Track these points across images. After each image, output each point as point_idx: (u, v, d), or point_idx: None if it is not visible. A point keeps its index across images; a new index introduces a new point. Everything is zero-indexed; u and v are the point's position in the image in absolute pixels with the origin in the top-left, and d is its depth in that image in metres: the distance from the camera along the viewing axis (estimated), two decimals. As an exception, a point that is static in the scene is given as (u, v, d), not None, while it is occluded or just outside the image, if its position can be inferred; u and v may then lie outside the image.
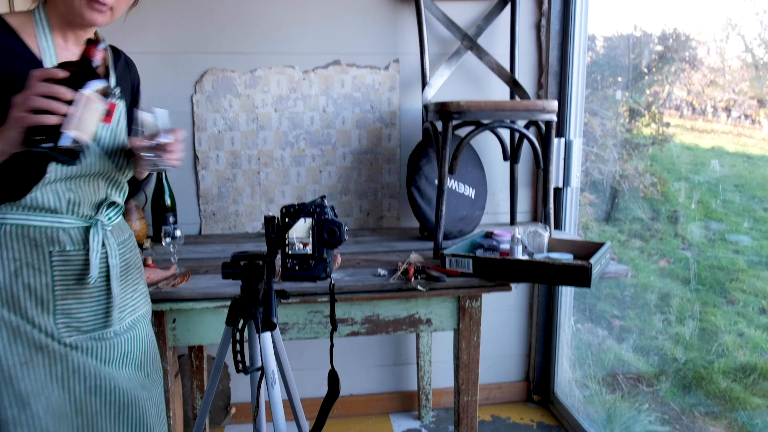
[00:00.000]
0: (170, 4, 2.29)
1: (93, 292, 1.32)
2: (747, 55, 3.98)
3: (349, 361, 2.67)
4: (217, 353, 1.41)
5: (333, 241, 1.29)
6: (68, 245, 1.27)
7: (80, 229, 1.29)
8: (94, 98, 1.10)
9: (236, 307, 1.34)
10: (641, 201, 3.89)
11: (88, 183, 1.30)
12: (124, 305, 1.38)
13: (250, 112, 2.40)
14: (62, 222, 1.27)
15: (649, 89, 3.74)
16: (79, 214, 1.29)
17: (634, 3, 3.43)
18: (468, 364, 1.94)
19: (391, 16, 2.43)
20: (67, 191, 1.26)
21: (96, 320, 1.32)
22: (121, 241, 1.39)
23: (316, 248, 1.29)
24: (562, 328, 2.69)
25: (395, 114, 2.49)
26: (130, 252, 1.43)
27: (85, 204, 1.30)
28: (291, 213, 1.28)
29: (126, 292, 1.40)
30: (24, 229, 1.25)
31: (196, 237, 2.42)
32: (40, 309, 1.26)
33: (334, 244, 1.29)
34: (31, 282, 1.26)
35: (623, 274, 1.94)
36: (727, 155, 4.18)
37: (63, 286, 1.28)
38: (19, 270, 1.25)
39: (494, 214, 2.64)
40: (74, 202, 1.28)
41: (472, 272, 1.84)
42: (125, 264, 1.40)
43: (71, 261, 1.28)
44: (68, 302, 1.29)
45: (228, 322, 1.35)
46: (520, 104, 2.04)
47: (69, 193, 1.27)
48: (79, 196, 1.28)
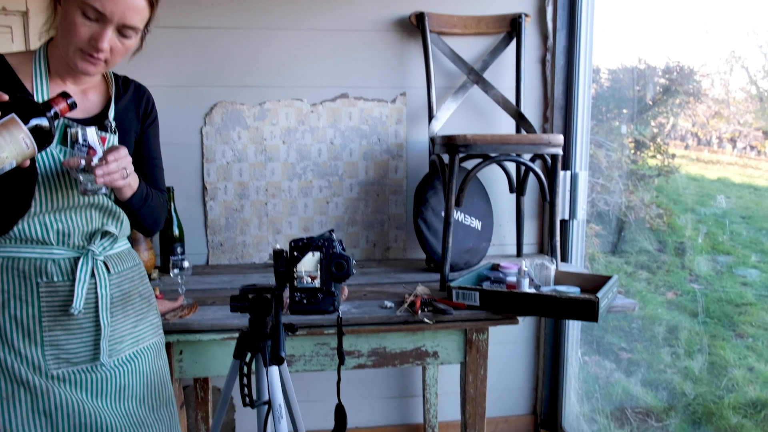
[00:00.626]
0: (181, 38, 2.33)
1: (82, 323, 1.31)
2: (751, 87, 4.01)
3: (354, 393, 2.65)
4: (224, 386, 1.41)
5: (341, 274, 1.30)
6: (56, 276, 1.28)
7: (71, 260, 1.30)
8: (20, 130, 1.06)
9: (244, 340, 1.34)
10: (647, 232, 3.88)
11: (80, 213, 1.31)
12: (121, 337, 1.37)
13: (259, 144, 2.43)
14: (52, 253, 1.28)
15: (653, 121, 3.77)
16: (69, 245, 1.30)
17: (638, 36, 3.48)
18: (475, 398, 1.93)
19: (398, 50, 2.47)
20: (55, 222, 1.28)
21: (85, 352, 1.31)
22: (120, 271, 1.38)
23: (325, 282, 1.30)
24: (570, 361, 2.67)
25: (402, 146, 2.52)
26: (130, 282, 1.41)
27: (76, 234, 1.30)
28: (300, 247, 1.29)
29: (124, 323, 1.38)
30: (14, 261, 1.27)
31: (203, 267, 2.43)
32: (27, 341, 1.26)
33: (342, 278, 1.30)
34: (17, 313, 1.26)
35: (630, 308, 1.93)
36: (733, 186, 4.18)
37: (50, 317, 1.28)
38: (6, 302, 1.26)
39: (500, 245, 2.64)
40: (64, 232, 1.29)
41: (479, 305, 1.84)
42: (123, 294, 1.38)
43: (58, 292, 1.28)
44: (56, 333, 1.28)
45: (236, 355, 1.35)
46: (526, 138, 2.06)
47: (58, 224, 1.28)
48: (69, 227, 1.29)
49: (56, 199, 1.26)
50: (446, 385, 2.67)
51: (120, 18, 1.20)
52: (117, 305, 1.37)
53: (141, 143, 1.45)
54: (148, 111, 1.46)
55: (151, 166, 1.48)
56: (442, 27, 2.42)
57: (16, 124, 1.06)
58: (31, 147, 1.08)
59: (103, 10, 1.17)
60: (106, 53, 1.23)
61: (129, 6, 1.20)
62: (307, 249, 1.29)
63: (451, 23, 2.43)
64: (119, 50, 1.25)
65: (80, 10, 1.18)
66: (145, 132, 1.45)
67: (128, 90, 1.43)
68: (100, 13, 1.18)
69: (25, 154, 1.09)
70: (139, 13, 1.23)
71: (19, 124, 1.06)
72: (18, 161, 1.09)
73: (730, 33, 3.52)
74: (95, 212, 1.33)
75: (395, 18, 2.45)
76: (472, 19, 2.44)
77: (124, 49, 1.27)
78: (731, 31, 3.50)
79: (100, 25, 1.20)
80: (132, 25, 1.23)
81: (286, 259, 1.30)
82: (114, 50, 1.24)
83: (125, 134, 1.38)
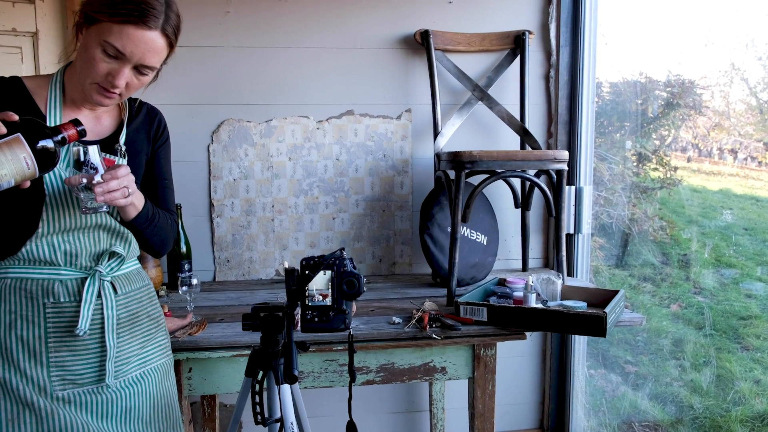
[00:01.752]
0: (188, 56, 2.36)
1: (88, 344, 1.31)
2: (751, 99, 4.04)
3: (361, 409, 2.65)
4: (236, 404, 1.41)
5: (352, 292, 1.31)
6: (63, 297, 1.29)
7: (78, 281, 1.31)
8: (23, 150, 1.07)
9: (256, 359, 1.35)
10: (651, 245, 3.89)
11: (87, 234, 1.32)
12: (128, 358, 1.37)
13: (265, 160, 2.45)
14: (59, 274, 1.29)
15: (655, 134, 3.79)
16: (77, 266, 1.31)
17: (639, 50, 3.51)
18: (483, 414, 1.93)
19: (403, 68, 2.50)
20: (63, 243, 1.29)
21: (91, 373, 1.31)
22: (128, 292, 1.39)
23: (336, 300, 1.31)
24: (576, 375, 2.67)
25: (407, 162, 2.54)
26: (138, 303, 1.41)
27: (83, 255, 1.31)
28: (311, 265, 1.30)
29: (132, 344, 1.38)
30: (22, 282, 1.28)
31: (210, 284, 2.44)
32: (33, 362, 1.27)
33: (353, 296, 1.31)
34: (24, 334, 1.27)
35: (637, 323, 1.94)
36: (735, 198, 4.20)
37: (56, 339, 1.28)
38: (13, 322, 1.27)
39: (506, 260, 2.65)
40: (72, 253, 1.30)
41: (487, 320, 1.85)
42: (130, 315, 1.39)
43: (64, 313, 1.29)
44: (62, 354, 1.29)
45: (247, 373, 1.36)
46: (531, 154, 2.08)
47: (65, 244, 1.29)
48: (76, 248, 1.30)
49: (63, 220, 1.28)
50: (453, 400, 2.67)
51: (139, 59, 1.22)
52: (124, 326, 1.37)
53: (152, 164, 1.46)
54: (159, 133, 1.47)
55: (161, 186, 1.49)
56: (447, 44, 2.45)
57: (20, 144, 1.07)
58: (32, 168, 1.09)
59: (123, 50, 1.19)
60: (122, 89, 1.26)
61: (149, 48, 1.22)
62: (319, 267, 1.30)
63: (455, 41, 2.46)
64: (135, 86, 1.28)
65: (101, 47, 1.20)
66: (156, 153, 1.47)
67: (140, 113, 1.44)
68: (120, 52, 1.20)
69: (25, 174, 1.09)
70: (158, 54, 1.25)
71: (23, 144, 1.07)
72: (17, 180, 1.09)
73: (729, 45, 3.55)
74: (103, 233, 1.34)
75: (400, 36, 2.48)
76: (477, 36, 2.47)
77: (140, 84, 1.29)
78: (730, 43, 3.53)
79: (119, 63, 1.22)
80: (150, 65, 1.25)
81: (298, 278, 1.31)
82: (129, 86, 1.27)
83: (135, 156, 1.40)
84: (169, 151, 1.51)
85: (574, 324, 1.75)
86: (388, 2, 2.46)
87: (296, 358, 1.24)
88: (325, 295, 1.31)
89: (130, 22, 1.18)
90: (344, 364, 1.86)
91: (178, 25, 1.28)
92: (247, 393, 1.39)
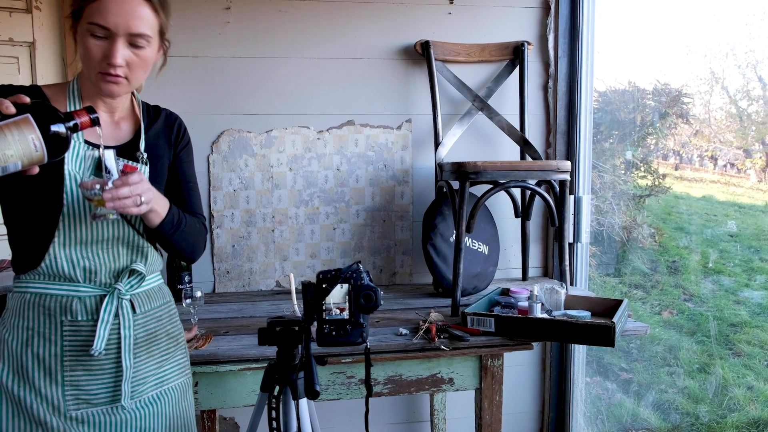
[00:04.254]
0: (188, 67, 2.35)
1: (104, 364, 1.28)
2: (731, 107, 4.11)
3: (358, 419, 2.63)
4: (250, 419, 1.40)
5: (369, 306, 1.30)
6: (80, 315, 1.27)
7: (96, 298, 1.28)
8: (31, 131, 1.03)
9: (272, 373, 1.34)
10: (640, 252, 3.93)
11: (107, 250, 1.30)
12: (144, 378, 1.34)
13: (266, 171, 2.44)
14: (78, 290, 1.27)
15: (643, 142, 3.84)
16: (96, 282, 1.28)
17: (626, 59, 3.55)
18: (491, 424, 1.93)
19: (403, 78, 2.51)
20: (82, 259, 1.27)
21: (106, 393, 1.29)
22: (147, 311, 1.36)
23: (353, 313, 1.30)
24: (577, 384, 2.68)
25: (408, 172, 2.54)
26: (157, 321, 1.38)
27: (102, 272, 1.29)
28: (328, 279, 1.30)
29: (149, 364, 1.35)
30: (41, 298, 1.26)
31: (210, 295, 2.41)
32: (48, 380, 1.25)
33: (370, 309, 1.30)
34: (40, 352, 1.25)
35: (642, 332, 1.95)
36: (718, 204, 4.26)
37: (72, 357, 1.26)
38: (30, 339, 1.25)
39: (505, 269, 2.66)
40: (90, 269, 1.27)
41: (494, 331, 1.85)
42: (148, 334, 1.36)
43: (81, 331, 1.27)
44: (77, 374, 1.27)
45: (263, 388, 1.35)
46: (535, 164, 2.10)
47: (85, 260, 1.27)
48: (95, 264, 1.28)
49: (80, 231, 1.25)
50: (454, 410, 2.66)
51: (125, 28, 1.18)
52: (141, 345, 1.34)
53: (174, 168, 1.43)
54: (180, 136, 1.45)
55: (186, 189, 1.45)
56: (447, 55, 2.46)
57: (28, 125, 1.03)
58: (41, 151, 1.04)
59: (106, 24, 1.17)
60: (124, 68, 1.22)
61: (131, 15, 1.19)
62: (336, 281, 1.29)
63: (455, 51, 2.47)
64: (136, 63, 1.23)
65: (89, 32, 1.18)
66: (177, 156, 1.44)
67: (159, 118, 1.42)
68: (105, 29, 1.17)
69: (32, 157, 1.04)
70: (143, 20, 1.21)
71: (32, 125, 1.03)
72: (24, 163, 1.04)
73: (709, 54, 3.62)
74: (123, 249, 1.32)
75: (400, 46, 2.49)
76: (476, 47, 2.49)
77: (141, 61, 1.24)
78: (711, 52, 3.59)
79: (110, 41, 1.19)
80: (140, 33, 1.21)
81: (315, 291, 1.30)
82: (131, 64, 1.22)
83: (156, 161, 1.37)
84: (191, 154, 1.48)
85: (582, 334, 1.76)
86: (388, 13, 2.47)
87: (317, 373, 1.23)
88: (342, 309, 1.30)
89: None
90: (351, 377, 1.85)
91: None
92: (262, 408, 1.37)
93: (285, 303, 2.26)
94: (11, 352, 1.26)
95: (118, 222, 1.29)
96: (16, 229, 1.30)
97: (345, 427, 2.60)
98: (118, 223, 1.29)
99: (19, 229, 1.29)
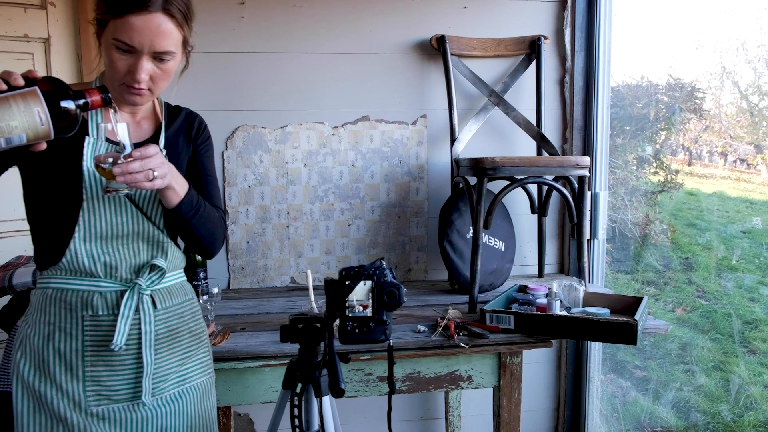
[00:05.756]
0: (203, 63, 2.33)
1: (125, 359, 1.28)
2: (742, 102, 4.07)
3: (374, 417, 2.63)
4: (272, 417, 1.39)
5: (393, 303, 1.28)
6: (101, 310, 1.26)
7: (117, 293, 1.28)
8: (37, 103, 1.01)
9: (294, 371, 1.33)
10: (653, 248, 3.90)
11: (127, 245, 1.29)
12: (165, 375, 1.33)
13: (280, 167, 2.43)
14: (99, 286, 1.27)
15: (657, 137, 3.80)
16: (117, 278, 1.28)
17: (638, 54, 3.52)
18: (509, 422, 1.92)
19: (418, 73, 2.49)
20: (102, 254, 1.26)
21: (127, 389, 1.28)
22: (168, 307, 1.35)
23: (376, 310, 1.29)
24: (593, 381, 2.66)
25: (423, 168, 2.52)
26: (179, 318, 1.37)
27: (123, 267, 1.28)
28: (351, 276, 1.28)
29: (170, 361, 1.34)
30: (63, 293, 1.26)
31: (225, 291, 2.41)
32: (69, 375, 1.25)
33: (393, 306, 1.29)
34: (61, 347, 1.25)
35: (663, 330, 1.93)
36: (729, 200, 4.22)
37: (93, 353, 1.26)
38: (51, 334, 1.25)
39: (521, 266, 2.64)
40: (111, 265, 1.27)
41: (514, 328, 1.83)
42: (170, 331, 1.35)
43: (102, 326, 1.26)
44: (98, 369, 1.26)
45: (285, 385, 1.34)
46: (553, 160, 2.07)
47: (105, 256, 1.26)
48: (116, 259, 1.27)
49: (100, 225, 1.25)
50: (469, 407, 2.65)
51: (150, 47, 1.18)
52: (163, 342, 1.33)
53: (194, 161, 1.42)
54: (200, 132, 1.44)
55: (205, 182, 1.44)
56: (462, 50, 2.44)
57: (35, 97, 1.00)
58: (46, 125, 1.02)
59: (131, 42, 1.16)
60: (147, 82, 1.22)
61: (155, 32, 1.18)
62: (359, 278, 1.28)
63: (470, 46, 2.45)
64: (160, 76, 1.23)
65: (114, 46, 1.18)
66: (197, 150, 1.43)
67: (179, 117, 1.42)
68: (129, 45, 1.17)
69: (38, 131, 1.01)
70: (168, 37, 1.20)
71: (39, 98, 1.01)
72: (29, 136, 1.01)
73: (720, 49, 3.58)
74: (143, 245, 1.31)
75: (415, 41, 2.47)
76: (492, 41, 2.46)
77: (165, 74, 1.24)
78: (721, 47, 3.56)
79: (135, 57, 1.18)
80: (164, 50, 1.20)
81: (337, 288, 1.29)
82: (154, 77, 1.23)
83: (176, 157, 1.37)
84: (211, 149, 1.47)
85: (603, 331, 1.74)
86: (403, 8, 2.45)
87: (341, 370, 1.22)
88: (365, 306, 1.29)
89: (130, 12, 1.15)
90: (370, 374, 1.84)
91: (184, 2, 1.23)
92: (284, 406, 1.36)
93: (300, 300, 2.25)
94: (33, 347, 1.26)
95: (137, 216, 1.28)
96: (38, 224, 1.30)
97: (360, 424, 2.59)
98: (137, 217, 1.28)
99: (41, 225, 1.29)
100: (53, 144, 1.07)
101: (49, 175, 1.24)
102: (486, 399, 2.60)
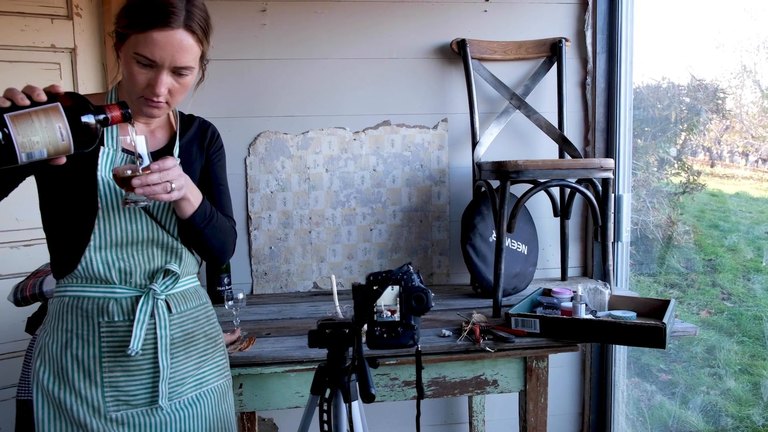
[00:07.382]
0: (224, 70, 2.36)
1: (142, 364, 1.29)
2: (764, 101, 4.01)
3: (398, 422, 2.62)
4: (301, 422, 1.39)
5: (420, 308, 1.28)
6: (117, 316, 1.28)
7: (132, 299, 1.29)
8: (59, 119, 1.02)
9: (322, 376, 1.33)
10: (675, 250, 3.86)
11: (141, 251, 1.31)
12: (182, 379, 1.34)
13: (302, 172, 2.44)
14: (114, 292, 1.28)
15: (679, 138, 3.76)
16: (131, 284, 1.30)
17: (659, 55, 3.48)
18: (536, 427, 1.90)
19: (439, 77, 2.49)
20: (117, 260, 1.28)
21: (144, 394, 1.30)
22: (183, 311, 1.36)
23: (404, 315, 1.29)
24: (618, 385, 2.63)
25: (444, 172, 2.52)
26: (194, 322, 1.39)
27: (138, 273, 1.30)
28: (379, 281, 1.28)
29: (187, 365, 1.36)
30: (79, 301, 1.28)
31: (248, 297, 2.42)
32: (88, 381, 1.27)
33: (421, 311, 1.29)
34: (79, 353, 1.27)
35: (691, 333, 1.91)
36: (752, 201, 4.16)
37: (110, 358, 1.28)
38: (69, 341, 1.27)
39: (544, 269, 2.62)
40: (126, 271, 1.29)
41: (539, 332, 1.82)
42: (185, 335, 1.36)
43: (118, 332, 1.28)
44: (116, 375, 1.28)
45: (314, 390, 1.34)
46: (577, 163, 2.06)
47: (120, 262, 1.28)
48: (130, 266, 1.29)
49: (115, 232, 1.27)
50: (492, 412, 2.64)
51: (171, 62, 1.20)
52: (179, 346, 1.34)
53: (206, 170, 1.44)
54: (212, 141, 1.46)
55: (217, 191, 1.46)
56: (483, 53, 2.43)
57: (57, 113, 1.02)
58: (67, 140, 1.03)
59: (153, 57, 1.18)
60: (165, 96, 1.24)
61: (177, 48, 1.20)
62: (387, 282, 1.28)
63: (491, 49, 2.44)
64: (178, 90, 1.26)
65: (134, 60, 1.19)
66: (209, 159, 1.45)
67: (192, 126, 1.44)
68: (150, 60, 1.19)
69: (59, 146, 1.03)
70: (189, 53, 1.22)
71: (60, 114, 1.02)
72: (50, 151, 1.02)
73: (740, 48, 3.53)
74: (157, 250, 1.33)
75: (435, 45, 2.47)
76: (512, 44, 2.46)
77: (182, 87, 1.26)
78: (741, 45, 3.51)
79: (155, 71, 1.20)
80: (184, 66, 1.22)
81: (365, 293, 1.29)
82: (173, 91, 1.25)
83: (189, 166, 1.39)
84: (223, 159, 1.49)
85: (631, 335, 1.72)
86: (423, 12, 2.45)
87: (371, 375, 1.22)
88: (393, 311, 1.29)
89: (153, 27, 1.17)
90: (395, 379, 1.84)
91: (204, 18, 1.24)
92: (312, 411, 1.37)
93: (324, 305, 2.26)
94: (52, 355, 1.28)
95: (151, 224, 1.30)
96: (54, 233, 1.31)
97: (384, 429, 2.59)
98: (151, 225, 1.30)
99: (57, 234, 1.31)
100: (70, 155, 1.08)
101: (64, 185, 1.26)
102: (509, 403, 2.59)
